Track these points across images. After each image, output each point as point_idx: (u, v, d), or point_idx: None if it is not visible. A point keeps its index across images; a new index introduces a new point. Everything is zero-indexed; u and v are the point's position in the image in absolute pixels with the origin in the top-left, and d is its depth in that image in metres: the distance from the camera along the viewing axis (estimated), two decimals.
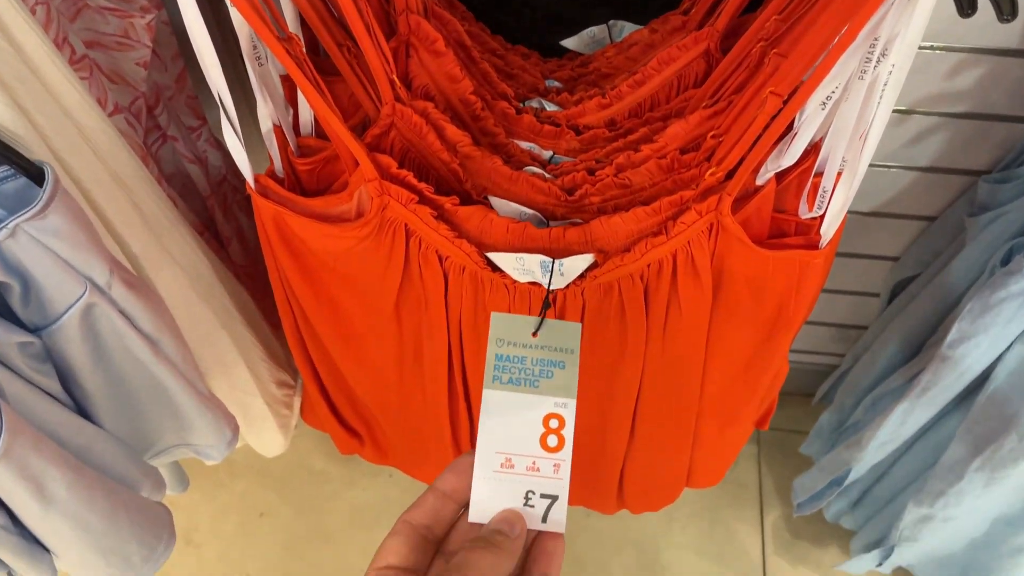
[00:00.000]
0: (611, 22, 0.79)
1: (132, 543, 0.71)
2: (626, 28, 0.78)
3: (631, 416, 0.82)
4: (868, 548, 1.24)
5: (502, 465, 0.45)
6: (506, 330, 0.49)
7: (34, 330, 0.61)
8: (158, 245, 0.71)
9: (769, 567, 1.44)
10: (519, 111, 0.71)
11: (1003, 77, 0.94)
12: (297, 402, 0.99)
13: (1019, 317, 0.89)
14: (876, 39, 0.52)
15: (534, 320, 0.50)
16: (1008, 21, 0.48)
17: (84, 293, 0.60)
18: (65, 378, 0.66)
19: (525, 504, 0.45)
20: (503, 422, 0.46)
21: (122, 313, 0.64)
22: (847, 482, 1.19)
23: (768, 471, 1.53)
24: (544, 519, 0.45)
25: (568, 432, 0.47)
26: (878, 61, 0.53)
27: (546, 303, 0.66)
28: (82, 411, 0.69)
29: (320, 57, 0.67)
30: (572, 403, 0.47)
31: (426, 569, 0.40)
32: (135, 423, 0.74)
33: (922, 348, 1.14)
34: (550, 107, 0.72)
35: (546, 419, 0.47)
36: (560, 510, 0.45)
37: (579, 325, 0.51)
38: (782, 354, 0.76)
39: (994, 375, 0.96)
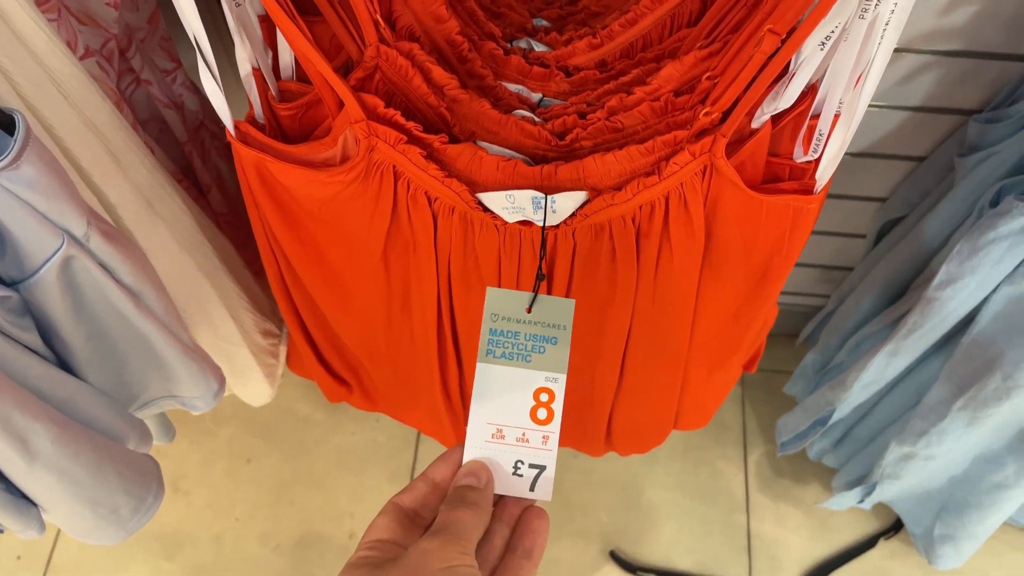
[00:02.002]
0: None
1: (120, 495, 0.70)
2: None
3: (620, 360, 0.82)
4: (850, 486, 1.26)
5: (493, 436, 0.47)
6: (501, 305, 0.50)
7: (11, 284, 0.60)
8: (136, 194, 0.69)
9: (752, 504, 1.46)
10: (507, 52, 0.68)
11: (999, 13, 0.93)
12: (283, 351, 0.98)
13: (1007, 259, 0.89)
14: None
15: (528, 296, 0.51)
16: None
17: (62, 245, 0.58)
18: (45, 332, 0.65)
19: (514, 473, 0.47)
20: (495, 395, 0.48)
21: (102, 265, 0.62)
22: (830, 422, 1.20)
23: (752, 411, 1.55)
24: (532, 488, 0.47)
25: (557, 406, 0.48)
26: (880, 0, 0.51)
27: (543, 248, 0.65)
28: (64, 365, 0.68)
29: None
30: (562, 378, 0.49)
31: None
32: (119, 376, 0.73)
33: (907, 289, 1.14)
34: (539, 47, 0.70)
35: (537, 393, 0.49)
36: (547, 479, 0.47)
37: (572, 301, 0.52)
38: (772, 299, 0.76)
39: (979, 317, 0.96)
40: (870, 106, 1.06)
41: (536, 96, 0.70)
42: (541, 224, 0.63)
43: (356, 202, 0.66)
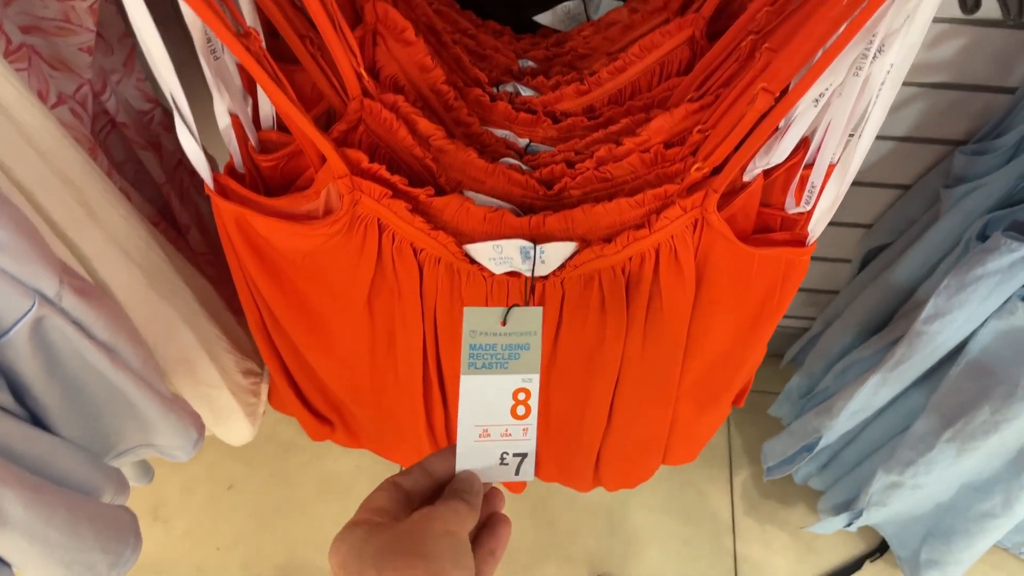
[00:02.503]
0: None
1: (96, 553, 0.68)
2: (603, 3, 0.74)
3: (609, 403, 0.80)
4: (836, 509, 1.26)
5: (480, 436, 0.53)
6: (478, 322, 0.55)
7: None
8: (111, 244, 0.67)
9: (738, 527, 1.45)
10: (493, 98, 0.67)
11: (984, 47, 0.92)
12: (264, 389, 0.96)
13: (995, 294, 0.89)
14: (874, 35, 0.49)
15: (502, 311, 0.56)
16: (1013, 24, 0.45)
17: (32, 307, 0.56)
18: (17, 390, 0.62)
19: (500, 463, 0.54)
20: (478, 400, 0.53)
21: (75, 323, 0.60)
22: (817, 448, 1.20)
23: (737, 432, 1.54)
24: (517, 472, 0.54)
25: (533, 401, 0.54)
26: (874, 57, 0.50)
27: (531, 289, 0.64)
28: (37, 421, 0.66)
29: (278, 40, 0.63)
30: (536, 377, 0.54)
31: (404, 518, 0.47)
32: (94, 428, 0.71)
33: (893, 317, 1.14)
34: (525, 92, 0.69)
35: (515, 393, 0.54)
36: (529, 463, 0.54)
37: (540, 309, 0.57)
38: (763, 343, 0.75)
39: (967, 349, 0.96)
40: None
41: (523, 141, 0.68)
42: (529, 275, 0.62)
43: (339, 253, 0.64)
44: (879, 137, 1.06)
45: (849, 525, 1.24)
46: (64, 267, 0.59)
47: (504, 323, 0.56)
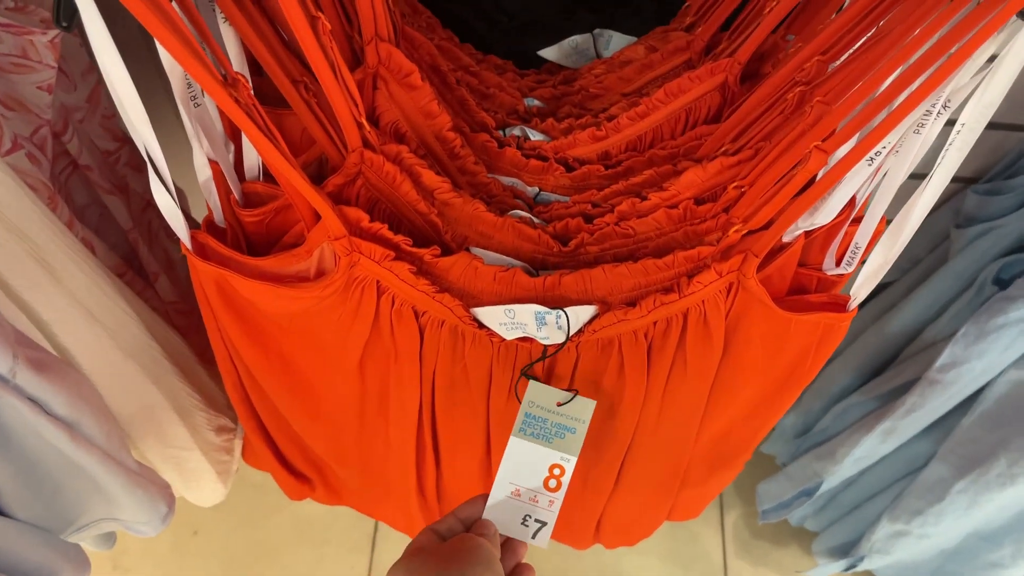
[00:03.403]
0: (596, 31, 0.70)
1: None
2: (614, 39, 0.69)
3: (617, 469, 0.75)
4: (833, 552, 1.21)
5: (512, 494, 0.59)
6: (539, 397, 0.61)
7: None
8: (73, 304, 0.60)
9: (730, 569, 1.41)
10: (501, 143, 0.61)
11: None
12: (238, 446, 0.88)
13: (1017, 344, 0.85)
14: (942, 91, 0.44)
15: (564, 395, 0.60)
16: None
17: None
18: None
19: (522, 523, 0.59)
20: (520, 463, 0.59)
21: (31, 399, 0.53)
22: (817, 493, 1.15)
23: None
24: (534, 536, 0.60)
25: (566, 479, 0.59)
26: (938, 114, 0.45)
27: (548, 358, 0.59)
28: None
29: (262, 77, 0.56)
30: (574, 460, 0.59)
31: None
32: (51, 506, 0.64)
33: (896, 358, 1.10)
34: (535, 136, 0.63)
35: (552, 467, 0.59)
36: (546, 533, 0.60)
37: (593, 403, 0.60)
38: (787, 407, 0.69)
39: (982, 397, 0.92)
40: None
41: (532, 190, 0.62)
42: (547, 343, 0.56)
43: (332, 316, 0.58)
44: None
45: (848, 569, 1.20)
46: (19, 337, 0.52)
47: (560, 404, 0.60)
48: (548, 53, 0.71)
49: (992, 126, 0.92)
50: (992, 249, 0.94)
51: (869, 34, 0.48)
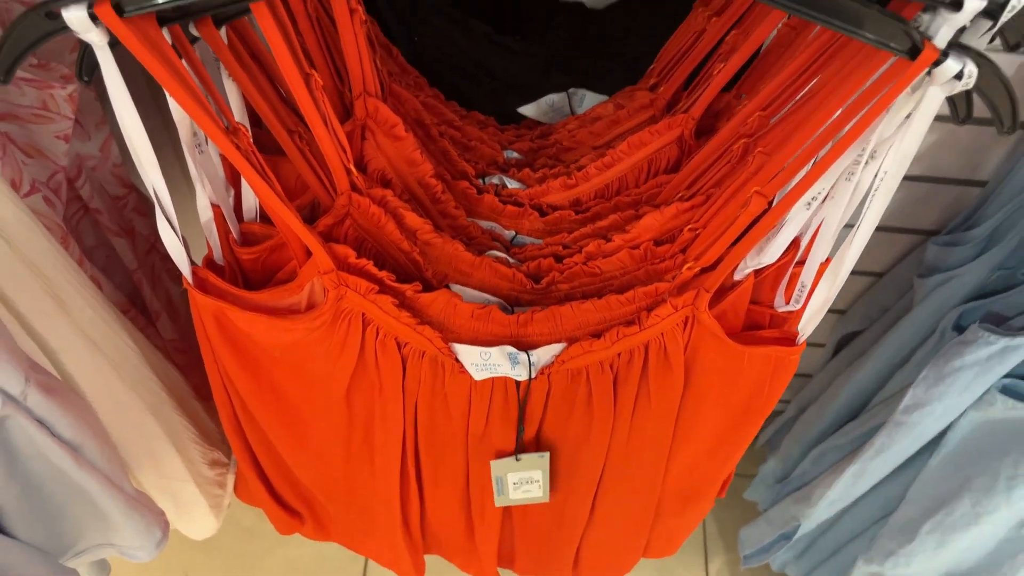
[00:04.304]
0: (571, 90, 0.76)
1: None
2: (587, 97, 0.75)
3: (592, 498, 0.78)
4: None
5: None
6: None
7: None
8: (79, 335, 0.64)
9: None
10: (480, 190, 0.66)
11: (955, 141, 0.95)
12: (231, 481, 0.92)
13: (974, 386, 0.89)
14: (867, 142, 0.49)
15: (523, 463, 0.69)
16: (1009, 133, 0.46)
17: None
18: None
19: None
20: None
21: (39, 422, 0.57)
22: (796, 537, 1.18)
23: (712, 517, 1.52)
24: None
25: None
26: (866, 163, 0.50)
27: (524, 395, 0.63)
28: None
29: (261, 129, 0.62)
30: None
31: None
32: (53, 528, 0.67)
33: (869, 403, 1.14)
34: (512, 184, 0.68)
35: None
36: None
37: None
38: (750, 438, 0.73)
39: (946, 440, 0.96)
40: None
41: (509, 233, 0.68)
42: (519, 379, 0.61)
43: (320, 347, 0.62)
44: (852, 225, 1.08)
45: None
46: (30, 364, 0.57)
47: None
48: (527, 110, 0.77)
49: (951, 181, 0.99)
50: (952, 297, 0.98)
51: (803, 92, 0.54)
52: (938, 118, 0.89)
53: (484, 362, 0.60)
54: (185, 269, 0.57)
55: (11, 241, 0.57)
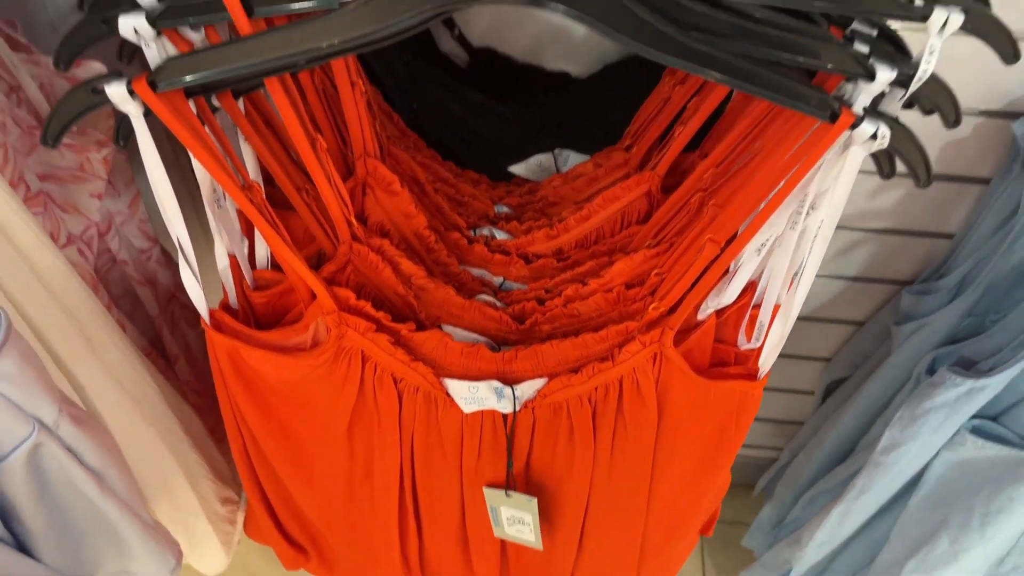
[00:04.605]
0: (556, 150, 0.83)
1: None
2: (571, 157, 0.82)
3: (580, 529, 0.83)
4: None
5: None
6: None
7: None
8: (106, 374, 0.71)
9: None
10: (471, 241, 0.73)
11: (922, 196, 1.01)
12: (241, 518, 0.97)
13: (945, 426, 0.94)
14: (806, 194, 0.56)
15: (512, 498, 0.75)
16: (925, 187, 0.52)
17: (32, 434, 0.59)
18: (6, 515, 0.64)
19: None
20: None
21: (68, 449, 0.63)
22: None
23: (711, 564, 1.54)
24: None
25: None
26: (808, 213, 0.57)
27: (511, 426, 0.68)
28: (21, 546, 0.67)
29: (273, 187, 0.69)
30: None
31: None
32: (75, 554, 0.72)
33: (855, 447, 1.18)
34: (500, 235, 0.75)
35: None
36: None
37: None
38: (724, 470, 0.78)
39: (924, 480, 1.00)
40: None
41: (498, 280, 0.74)
42: (505, 412, 0.66)
43: (324, 383, 0.68)
44: (833, 277, 1.14)
45: None
46: (63, 396, 0.63)
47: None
48: (517, 169, 0.84)
49: (920, 234, 1.05)
50: (926, 343, 1.03)
51: (749, 151, 0.60)
52: (904, 174, 0.96)
53: (472, 395, 0.66)
54: (203, 311, 0.64)
55: (49, 287, 0.64)
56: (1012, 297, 0.97)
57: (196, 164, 0.55)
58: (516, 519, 0.79)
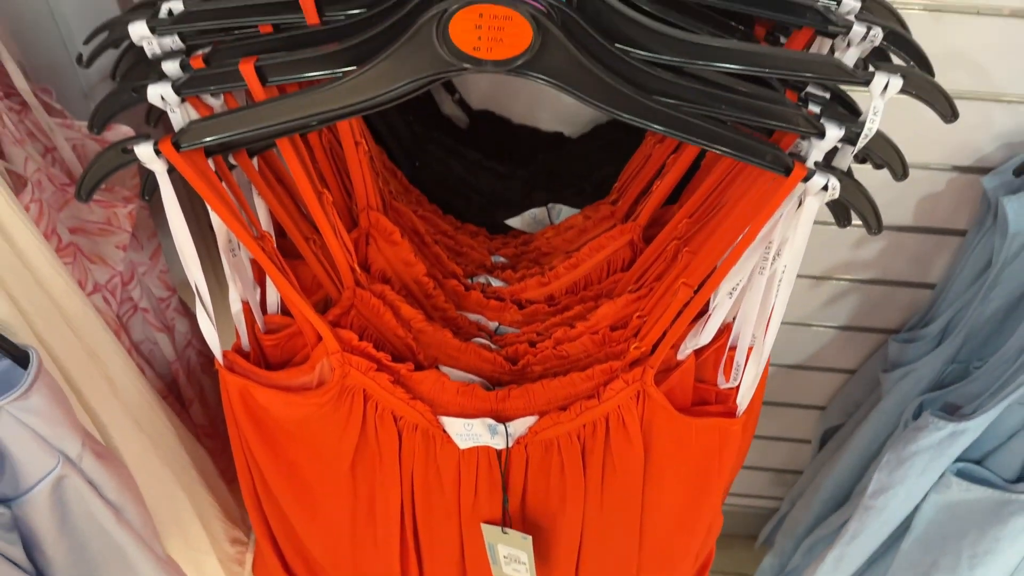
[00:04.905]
0: (550, 205, 0.89)
1: None
2: (563, 211, 0.88)
3: (575, 569, 0.86)
4: None
5: None
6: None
7: (4, 501, 0.65)
8: (126, 414, 0.76)
9: None
10: (468, 288, 0.78)
11: (902, 248, 1.06)
12: (249, 559, 1.00)
13: (931, 469, 0.97)
14: (771, 242, 0.61)
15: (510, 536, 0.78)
16: (876, 234, 0.57)
17: (56, 466, 0.64)
18: (28, 545, 0.68)
19: None
20: None
21: (90, 483, 0.67)
22: None
23: None
24: None
25: None
26: (774, 259, 0.62)
27: (505, 462, 0.72)
28: (41, 575, 0.71)
29: (284, 239, 0.75)
30: None
31: None
32: None
33: (851, 493, 1.21)
34: (496, 283, 0.80)
35: None
36: None
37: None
38: (713, 509, 0.82)
39: (913, 524, 1.02)
40: (802, 324, 1.18)
41: (493, 324, 0.79)
42: (499, 448, 0.71)
43: (328, 420, 0.73)
44: (824, 326, 1.18)
45: None
46: (86, 432, 0.68)
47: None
48: (513, 222, 0.90)
49: (903, 284, 1.09)
50: (913, 390, 1.07)
51: (719, 202, 0.66)
52: (886, 228, 1.00)
53: (467, 432, 0.70)
54: (217, 352, 0.69)
55: (77, 331, 0.69)
56: (992, 344, 1.01)
57: (214, 216, 0.61)
58: (513, 558, 0.83)
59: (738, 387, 0.71)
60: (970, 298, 1.00)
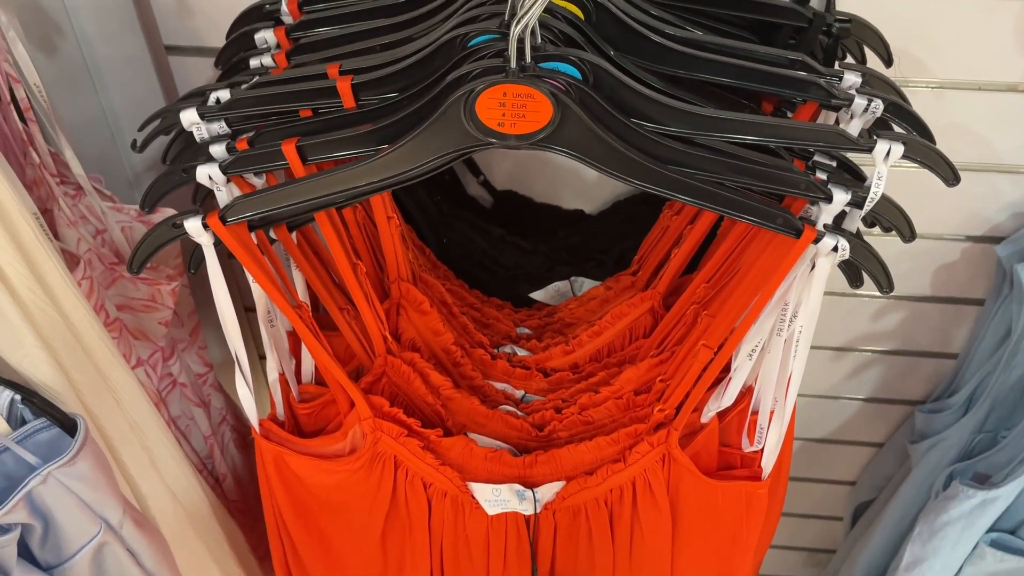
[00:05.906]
0: (572, 278, 0.92)
1: None
2: (585, 284, 0.91)
3: None
4: None
5: None
6: None
7: (47, 568, 0.66)
8: (163, 485, 0.78)
9: None
10: (494, 357, 0.81)
11: (923, 318, 1.07)
12: None
13: (963, 540, 0.96)
14: (787, 304, 0.63)
15: None
16: (887, 293, 0.59)
17: (98, 533, 0.65)
18: None
19: None
20: None
21: (129, 551, 0.69)
22: None
23: None
24: None
25: None
26: (791, 321, 0.64)
27: (534, 527, 0.73)
28: None
29: (320, 313, 0.78)
30: None
31: None
32: None
33: (887, 570, 1.18)
34: (521, 352, 0.83)
35: None
36: None
37: None
38: (747, 570, 0.81)
39: None
40: (828, 397, 1.18)
41: (519, 392, 0.81)
42: (527, 514, 0.72)
43: (360, 487, 0.74)
44: (849, 398, 1.18)
45: None
46: (127, 501, 0.70)
47: None
48: (537, 295, 0.93)
49: (926, 354, 1.10)
50: (942, 460, 1.07)
51: (735, 267, 0.68)
52: (904, 298, 1.02)
53: (496, 498, 0.72)
54: (254, 420, 0.72)
55: (120, 402, 0.72)
56: (1019, 412, 1.01)
57: (254, 287, 0.65)
58: None
59: (762, 450, 0.72)
60: (993, 366, 1.00)
